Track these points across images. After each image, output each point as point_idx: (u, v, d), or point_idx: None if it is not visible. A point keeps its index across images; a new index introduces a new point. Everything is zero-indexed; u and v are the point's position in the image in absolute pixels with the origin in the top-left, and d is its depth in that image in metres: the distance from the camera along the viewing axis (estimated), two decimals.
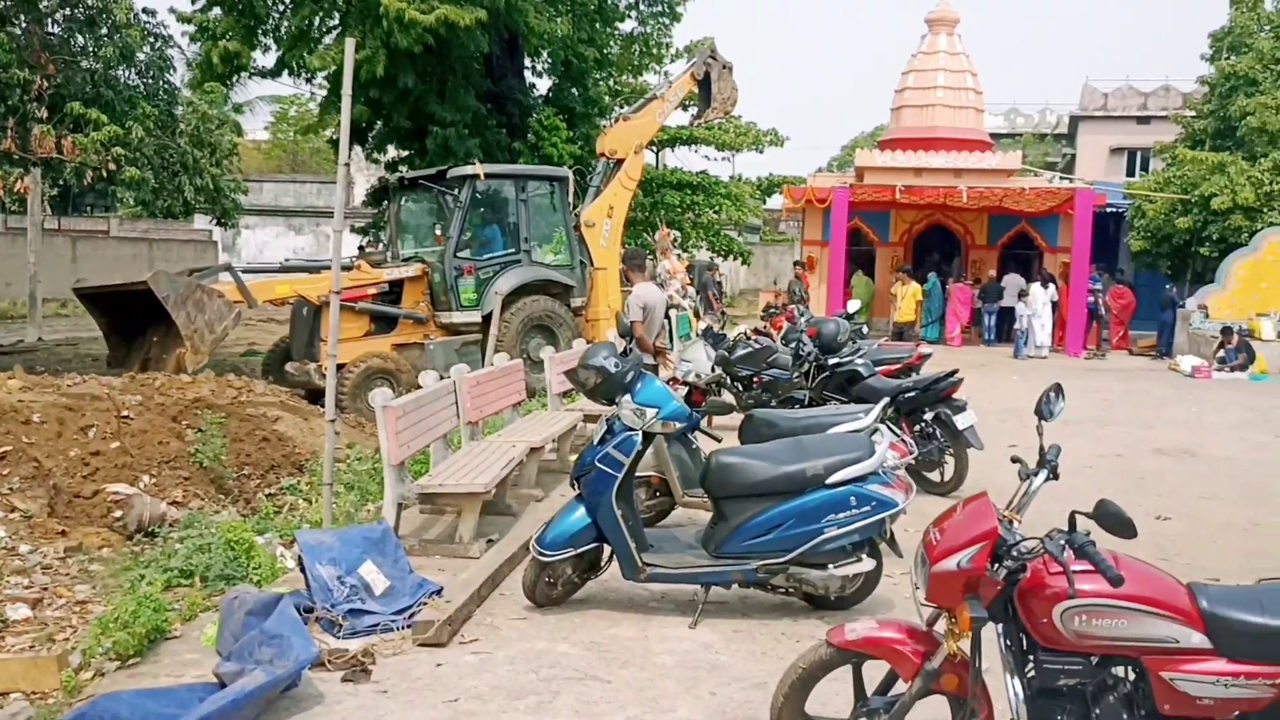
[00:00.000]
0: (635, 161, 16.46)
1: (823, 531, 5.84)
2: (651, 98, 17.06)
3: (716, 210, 28.60)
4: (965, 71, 27.23)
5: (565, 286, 14.95)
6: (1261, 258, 22.97)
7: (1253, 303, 22.78)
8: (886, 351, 12.08)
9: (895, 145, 26.65)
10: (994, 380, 17.89)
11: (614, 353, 6.30)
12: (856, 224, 27.20)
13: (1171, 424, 14.05)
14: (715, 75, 17.40)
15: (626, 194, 16.51)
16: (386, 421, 6.86)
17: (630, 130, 16.53)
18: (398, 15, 17.17)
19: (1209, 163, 23.89)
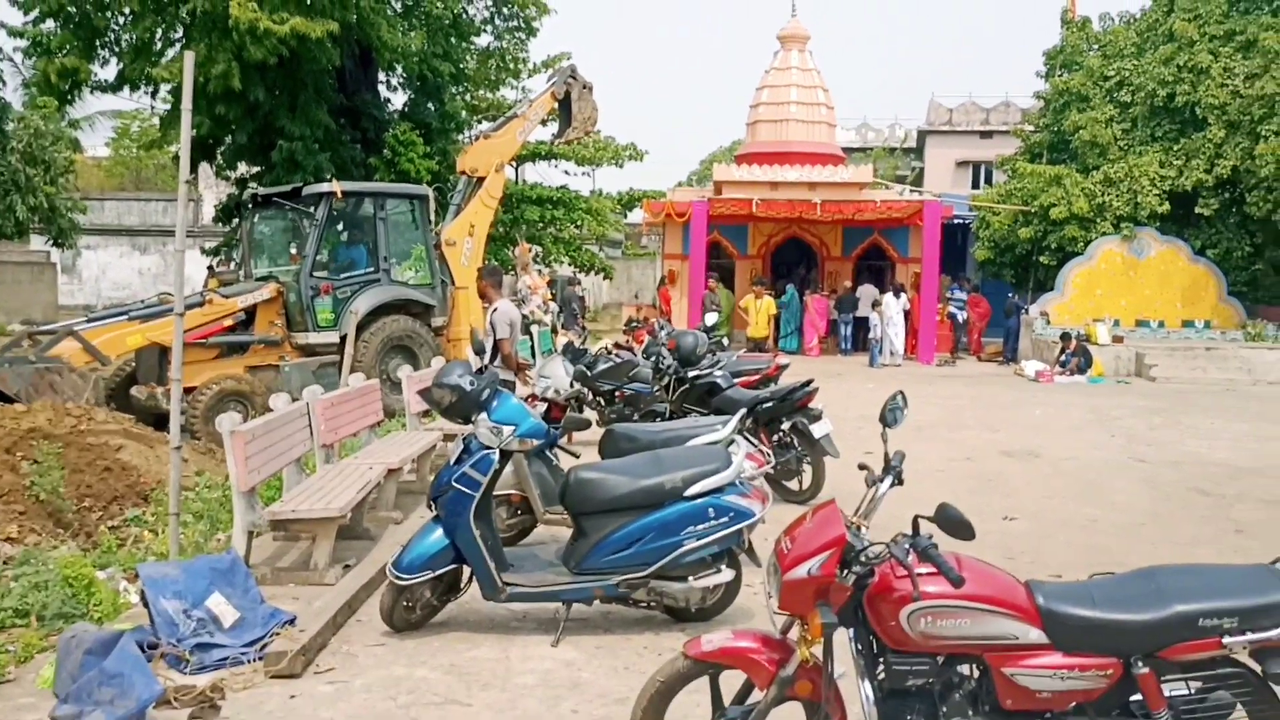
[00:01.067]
0: (496, 180, 16.36)
1: (682, 544, 5.87)
2: (512, 116, 17.02)
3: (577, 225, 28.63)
4: (817, 87, 27.93)
5: (425, 306, 14.72)
6: (1096, 266, 24.19)
7: (1089, 309, 24.00)
8: (745, 363, 12.25)
9: (752, 160, 27.14)
10: (850, 389, 18.32)
11: (469, 371, 6.22)
12: (716, 237, 27.59)
13: (1017, 427, 14.61)
14: (576, 95, 17.42)
15: (488, 212, 16.38)
16: (234, 447, 6.65)
17: (491, 148, 16.42)
18: (250, 26, 16.72)
19: (1046, 175, 25.00)
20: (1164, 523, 9.03)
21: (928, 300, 24.37)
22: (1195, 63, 23.71)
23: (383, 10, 19.41)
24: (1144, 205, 23.75)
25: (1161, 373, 21.05)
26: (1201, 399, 17.99)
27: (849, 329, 25.88)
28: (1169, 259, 24.12)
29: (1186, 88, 23.88)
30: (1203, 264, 24.10)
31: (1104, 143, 24.70)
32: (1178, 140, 24.43)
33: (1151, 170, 23.90)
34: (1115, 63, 25.96)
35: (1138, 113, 24.95)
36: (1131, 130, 25.16)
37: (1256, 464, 11.88)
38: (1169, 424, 15.01)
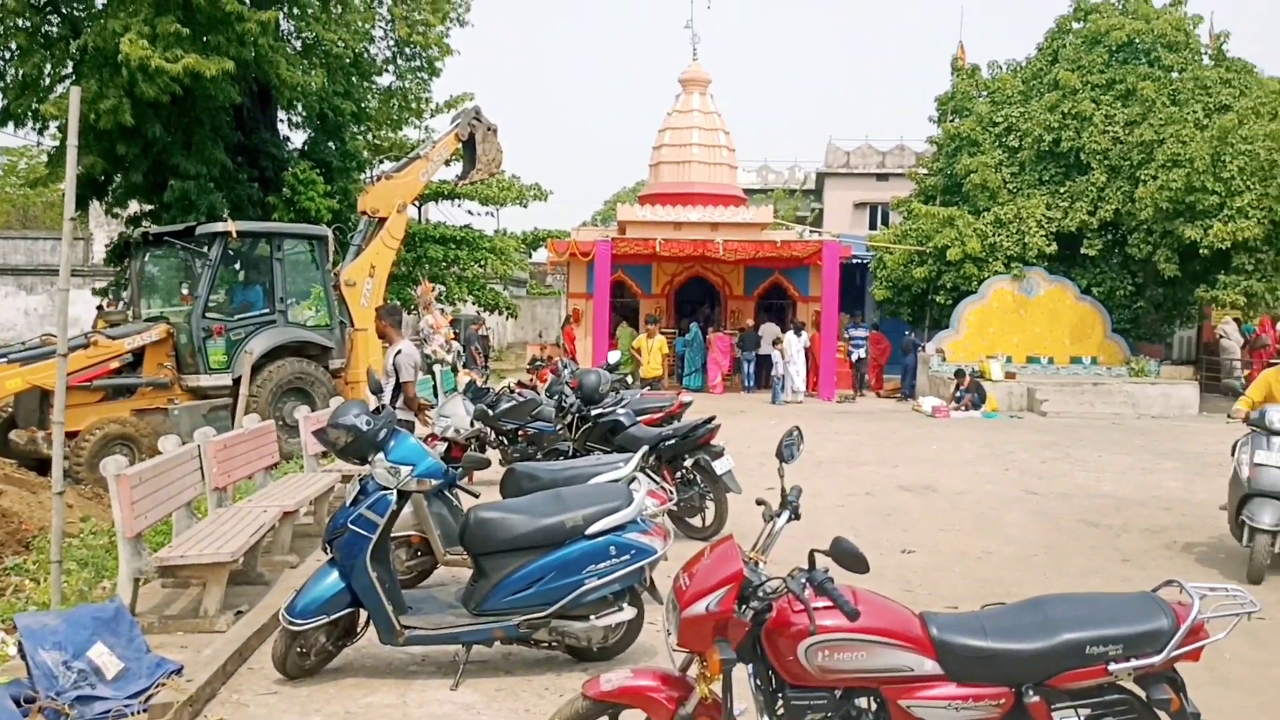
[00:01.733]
0: (398, 220, 16.11)
1: (584, 583, 5.83)
2: (415, 157, 16.76)
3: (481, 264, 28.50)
4: (718, 130, 28.32)
5: (323, 348, 14.41)
6: (989, 304, 24.82)
7: (983, 345, 24.59)
8: (648, 401, 12.27)
9: (655, 200, 27.36)
10: (753, 425, 18.48)
11: (365, 410, 6.11)
12: (620, 276, 27.69)
13: (914, 461, 14.86)
14: (480, 136, 17.26)
15: (389, 253, 16.10)
16: (120, 491, 6.42)
17: (393, 189, 16.16)
18: (141, 64, 16.36)
19: (940, 216, 25.59)
20: (1055, 553, 9.25)
21: (828, 338, 24.74)
22: (1079, 110, 24.57)
23: (282, 49, 19.16)
24: (1032, 246, 24.46)
25: (1052, 407, 21.63)
26: (1089, 433, 18.53)
27: (752, 366, 26.13)
28: (1057, 297, 24.85)
29: (1071, 134, 24.71)
30: (1088, 302, 24.88)
31: (994, 186, 25.45)
32: (1063, 184, 25.23)
33: (1039, 212, 24.64)
34: (1003, 109, 26.78)
35: (1025, 157, 25.73)
36: (1020, 174, 25.93)
37: (1141, 495, 12.26)
38: (1059, 457, 15.41)
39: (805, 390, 24.54)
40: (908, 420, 20.73)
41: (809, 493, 4.14)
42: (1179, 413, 21.66)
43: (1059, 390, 22.24)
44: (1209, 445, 16.68)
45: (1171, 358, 28.56)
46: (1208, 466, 14.42)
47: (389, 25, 23.11)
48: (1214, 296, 22.19)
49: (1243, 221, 21.01)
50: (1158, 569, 8.53)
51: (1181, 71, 24.87)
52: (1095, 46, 25.46)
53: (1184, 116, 23.15)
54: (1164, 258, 22.73)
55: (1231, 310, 23.30)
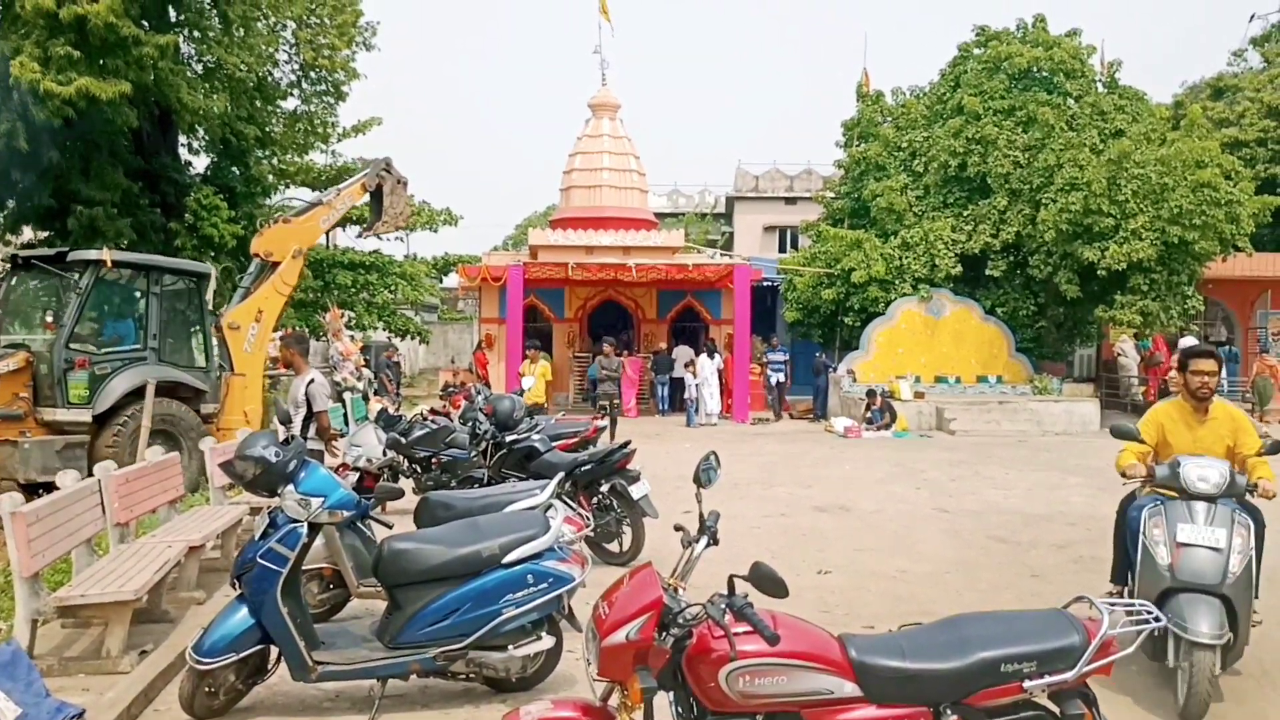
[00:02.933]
0: (292, 266, 15.22)
1: (501, 612, 5.77)
2: (317, 203, 15.99)
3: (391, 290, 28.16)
4: (628, 154, 28.49)
5: (195, 391, 13.69)
6: (897, 325, 25.25)
7: (892, 366, 25.00)
8: (564, 426, 12.22)
9: (566, 224, 27.39)
10: (668, 449, 18.53)
11: (274, 441, 5.99)
12: (533, 301, 27.64)
13: (828, 482, 15.02)
14: (388, 189, 16.62)
15: (279, 299, 15.19)
16: (15, 530, 6.18)
17: (290, 233, 15.38)
18: (31, 86, 15.90)
19: (848, 239, 26.01)
20: (967, 570, 9.41)
21: (741, 360, 24.93)
22: (982, 135, 25.12)
23: (182, 72, 18.80)
24: (940, 267, 24.95)
25: (960, 426, 22.06)
26: (997, 450, 18.93)
27: (665, 390, 26.23)
28: (963, 318, 25.38)
29: (976, 158, 25.24)
30: (993, 323, 25.45)
31: (900, 209, 25.93)
32: (967, 206, 25.79)
33: (945, 234, 25.15)
34: (908, 134, 27.37)
35: (931, 180, 26.28)
36: (925, 197, 26.47)
37: (1048, 511, 12.55)
38: (969, 475, 15.71)
39: (720, 413, 24.66)
40: (820, 441, 20.95)
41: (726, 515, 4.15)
42: (1081, 429, 22.24)
43: (967, 409, 22.70)
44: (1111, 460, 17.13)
45: (1073, 376, 29.44)
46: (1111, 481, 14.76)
47: (293, 49, 22.85)
48: (1112, 316, 22.85)
49: (1137, 243, 21.70)
50: (1067, 584, 8.73)
51: (1078, 98, 25.67)
52: (996, 73, 26.13)
53: (1081, 141, 23.83)
54: (1064, 279, 23.37)
55: (1128, 329, 24.03)
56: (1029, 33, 26.87)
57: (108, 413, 12.53)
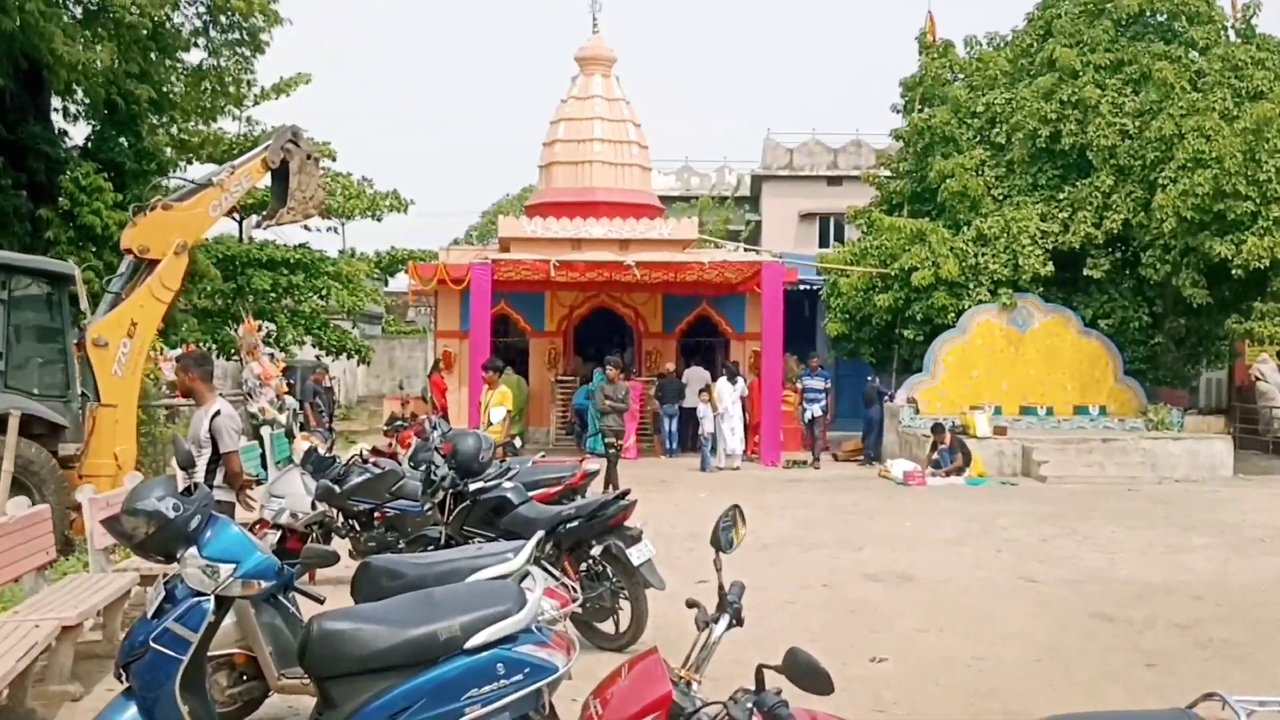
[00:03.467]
0: (175, 265, 14.85)
1: (463, 712, 5.73)
2: (206, 184, 15.77)
3: (322, 295, 28.32)
4: (626, 121, 28.57)
5: (51, 426, 13.39)
6: (971, 340, 25.25)
7: (965, 394, 24.98)
8: (544, 470, 12.21)
9: (547, 211, 27.44)
10: (678, 499, 18.52)
11: (172, 491, 5.98)
12: (503, 309, 27.68)
13: (884, 542, 15.01)
14: (296, 166, 16.36)
15: (158, 307, 14.90)
16: None
17: (171, 223, 14.92)
18: None
19: (908, 231, 25.99)
20: (1063, 657, 9.39)
21: (770, 385, 24.91)
22: (1080, 97, 25.06)
23: (57, 17, 18.87)
24: (1026, 267, 24.91)
25: (1052, 471, 22.05)
26: (1100, 502, 18.91)
27: (674, 423, 26.18)
28: (1056, 332, 25.38)
29: (1072, 127, 25.19)
30: (1095, 338, 25.44)
31: (975, 193, 25.90)
32: (1061, 189, 25.79)
33: (1033, 225, 25.11)
34: (985, 95, 27.40)
35: (1015, 155, 26.28)
36: (1007, 176, 26.49)
37: (1166, 580, 12.53)
38: (1064, 534, 15.69)
39: (743, 453, 24.63)
40: (873, 489, 20.94)
41: (753, 585, 4.16)
42: (1209, 475, 22.23)
43: (1061, 449, 22.70)
44: (1248, 515, 17.15)
45: (1198, 405, 29.40)
46: (1248, 542, 14.82)
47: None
48: (1249, 329, 22.84)
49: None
50: (1192, 675, 8.71)
51: (1205, 50, 25.65)
52: (1098, 18, 26.17)
53: (1210, 105, 23.73)
54: (1188, 281, 23.34)
55: (1270, 346, 24.00)
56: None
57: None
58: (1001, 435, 23.72)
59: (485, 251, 28.93)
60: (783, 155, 45.45)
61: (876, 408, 25.81)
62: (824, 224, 44.00)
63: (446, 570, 7.42)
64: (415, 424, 19.54)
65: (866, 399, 26.19)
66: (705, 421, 24.42)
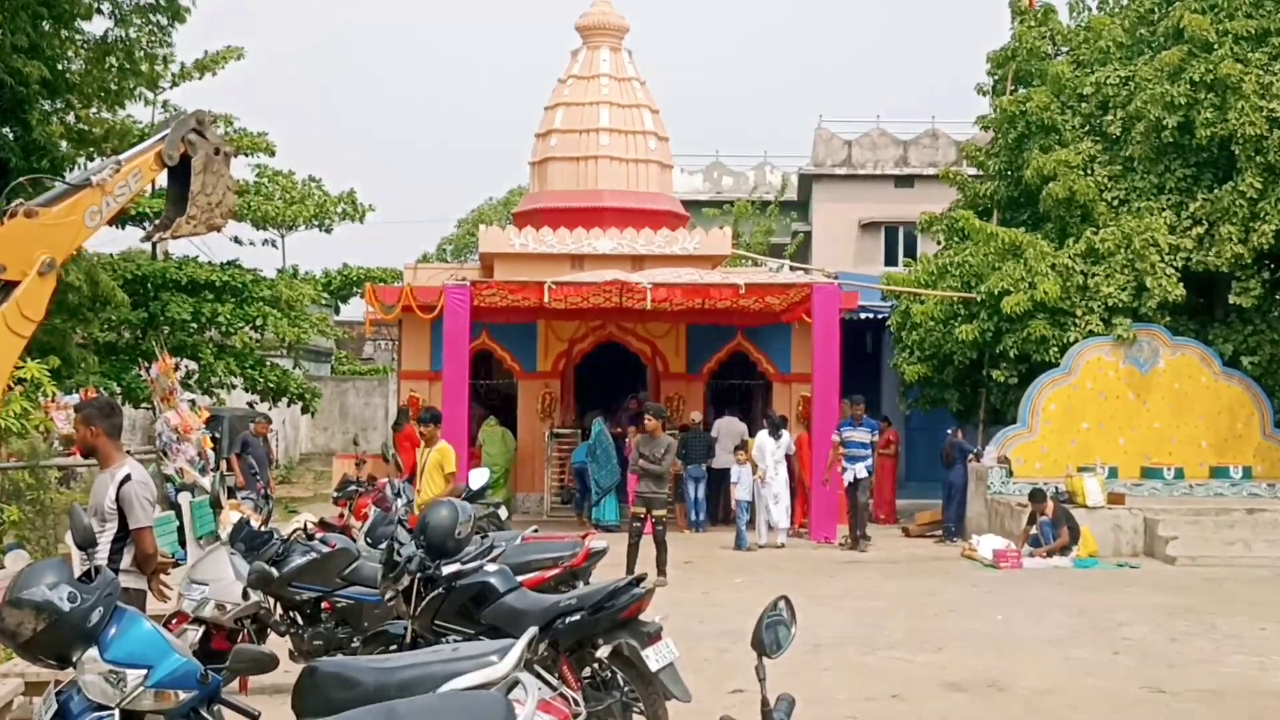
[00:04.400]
0: (39, 288, 14.27)
1: None
2: (83, 184, 15.41)
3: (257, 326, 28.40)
4: (642, 106, 28.65)
5: None
6: (1078, 384, 25.13)
7: (1070, 450, 24.83)
8: (537, 548, 12.21)
9: (540, 219, 27.51)
10: (706, 586, 18.47)
11: (68, 577, 6.00)
12: (485, 343, 27.71)
13: (969, 642, 14.91)
14: (200, 164, 15.90)
15: (15, 342, 14.32)
16: None
17: (36, 234, 13.84)
18: None
19: (998, 243, 25.88)
20: None
21: (822, 441, 24.72)
22: (1217, 75, 24.82)
23: None
24: (1152, 290, 24.76)
25: (1183, 549, 21.90)
26: (1245, 590, 18.78)
27: (700, 489, 26.06)
28: (1187, 372, 25.28)
29: (1209, 114, 24.93)
30: (1237, 380, 25.31)
31: (1085, 197, 25.81)
32: (1194, 193, 25.69)
33: (1160, 237, 24.94)
34: (1095, 73, 27.35)
35: (1135, 150, 26.14)
36: (1126, 176, 26.38)
37: None
38: (1199, 631, 15.56)
39: (790, 527, 24.51)
40: (955, 572, 20.89)
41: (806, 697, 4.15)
42: None
43: (1194, 521, 22.60)
44: None
45: None
46: None
47: None
48: None
49: None
50: None
51: None
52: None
53: None
54: None
55: None
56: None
57: None
58: (1118, 504, 23.55)
59: (463, 271, 29.05)
60: (838, 149, 45.40)
61: (959, 469, 25.64)
62: (890, 235, 43.92)
63: (414, 677, 7.42)
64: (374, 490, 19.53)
65: (946, 458, 26.04)
66: (740, 486, 24.30)
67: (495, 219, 46.51)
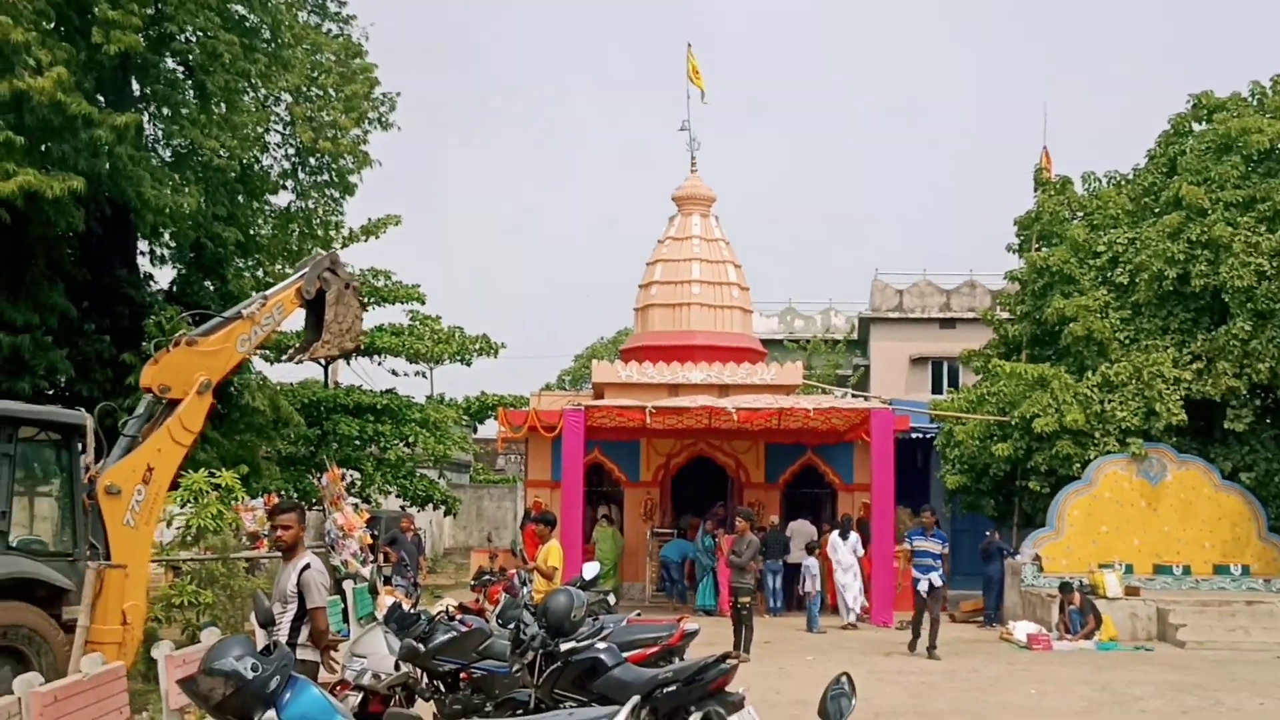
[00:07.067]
0: (197, 405, 14.28)
1: None
2: (234, 316, 15.07)
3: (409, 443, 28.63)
4: (727, 262, 28.86)
5: (55, 590, 13.01)
6: (1098, 493, 24.82)
7: (1093, 550, 24.49)
8: (639, 629, 12.13)
9: (642, 355, 27.66)
10: (783, 663, 18.22)
11: (251, 650, 6.02)
12: (597, 457, 27.77)
13: (1008, 712, 14.69)
14: (333, 297, 15.87)
15: (176, 451, 14.24)
16: None
17: (194, 360, 14.34)
18: None
19: (1029, 377, 25.80)
20: None
21: (881, 538, 24.58)
22: (1211, 236, 24.73)
23: (145, 160, 19.50)
24: (1160, 414, 24.56)
25: (1191, 635, 21.47)
26: (1246, 671, 18.34)
27: (778, 580, 25.92)
28: (1191, 485, 24.89)
29: (1203, 267, 24.87)
30: (1236, 491, 24.89)
31: (1102, 336, 25.69)
32: (1194, 333, 25.49)
33: (1165, 370, 24.78)
34: (1106, 234, 27.32)
35: (1141, 296, 26.04)
36: (1134, 319, 26.23)
37: None
38: (1206, 706, 15.23)
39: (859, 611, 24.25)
40: (995, 654, 20.54)
41: None
42: None
43: (1200, 611, 22.13)
44: None
45: None
46: None
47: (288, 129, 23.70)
48: None
49: None
50: None
51: None
52: (1226, 153, 26.03)
53: None
54: None
55: None
56: (1268, 99, 26.83)
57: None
58: (1134, 596, 23.15)
59: (578, 397, 29.14)
60: (891, 296, 45.55)
61: (996, 564, 25.36)
62: (936, 368, 43.90)
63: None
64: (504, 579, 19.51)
65: (985, 554, 25.75)
66: (810, 580, 24.14)
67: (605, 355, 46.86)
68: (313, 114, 23.56)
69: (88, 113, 17.77)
